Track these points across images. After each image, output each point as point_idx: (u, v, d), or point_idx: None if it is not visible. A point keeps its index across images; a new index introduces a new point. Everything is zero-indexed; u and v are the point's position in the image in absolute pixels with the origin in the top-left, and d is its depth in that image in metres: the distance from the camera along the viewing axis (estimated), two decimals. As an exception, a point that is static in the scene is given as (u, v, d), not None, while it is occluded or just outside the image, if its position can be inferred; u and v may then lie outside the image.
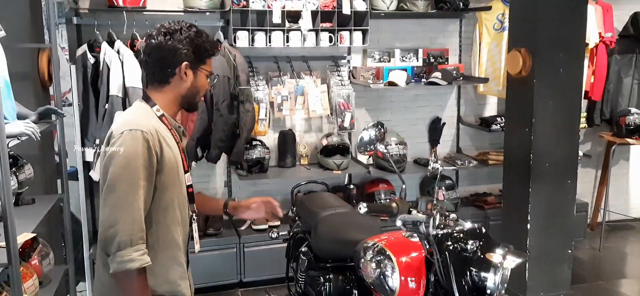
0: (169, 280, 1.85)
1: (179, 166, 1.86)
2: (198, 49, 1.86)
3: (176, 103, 1.90)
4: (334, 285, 2.61)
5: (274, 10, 3.97)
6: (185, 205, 1.91)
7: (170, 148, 1.81)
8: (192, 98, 1.91)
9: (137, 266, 1.68)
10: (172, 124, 1.89)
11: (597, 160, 5.35)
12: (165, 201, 1.80)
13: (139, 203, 1.71)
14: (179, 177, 1.85)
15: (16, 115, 2.66)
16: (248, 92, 3.88)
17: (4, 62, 2.53)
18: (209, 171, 4.40)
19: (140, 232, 1.70)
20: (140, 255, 1.69)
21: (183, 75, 1.84)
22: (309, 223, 2.91)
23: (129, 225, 1.68)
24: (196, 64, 1.87)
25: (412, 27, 4.70)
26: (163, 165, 1.78)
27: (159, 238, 1.81)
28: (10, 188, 2.07)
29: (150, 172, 1.74)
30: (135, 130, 1.73)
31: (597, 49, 4.84)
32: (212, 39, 1.92)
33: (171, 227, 1.84)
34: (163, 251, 1.83)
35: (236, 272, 4.12)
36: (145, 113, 1.83)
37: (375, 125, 2.21)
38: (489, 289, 1.91)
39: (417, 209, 2.03)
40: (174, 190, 1.83)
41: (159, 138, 1.77)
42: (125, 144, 1.71)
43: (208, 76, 1.92)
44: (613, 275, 4.47)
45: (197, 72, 1.88)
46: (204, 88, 1.92)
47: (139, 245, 1.70)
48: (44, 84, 3.33)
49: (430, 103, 4.88)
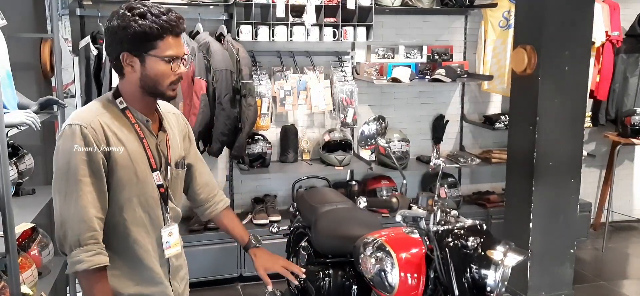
0: (135, 282, 1.76)
1: (138, 163, 1.71)
2: (137, 34, 1.64)
3: (137, 95, 1.73)
4: (333, 281, 2.59)
5: (278, 4, 3.95)
6: (153, 206, 1.76)
7: (124, 144, 1.69)
8: (152, 88, 1.70)
9: (85, 267, 1.60)
10: (137, 118, 1.74)
11: (602, 160, 5.31)
12: (121, 201, 1.70)
13: (85, 201, 1.61)
14: (138, 175, 1.71)
15: (17, 105, 2.66)
16: (250, 86, 3.86)
17: (5, 52, 2.53)
18: (211, 165, 4.32)
19: (89, 231, 1.62)
20: (90, 256, 1.61)
21: (127, 65, 1.69)
22: (309, 218, 2.90)
23: (76, 224, 1.61)
24: (140, 51, 1.66)
25: (416, 24, 4.68)
26: (113, 162, 1.67)
27: (120, 240, 1.72)
28: (8, 177, 2.06)
29: (95, 167, 1.63)
30: (74, 124, 1.63)
31: (604, 48, 4.80)
32: (169, 16, 1.67)
33: (131, 229, 1.73)
34: (124, 253, 1.74)
35: (236, 266, 4.11)
36: (96, 108, 1.71)
37: (377, 119, 2.19)
38: (489, 286, 1.89)
39: (418, 205, 2.01)
40: (131, 190, 1.70)
41: (105, 134, 1.65)
42: (65, 140, 1.63)
43: (169, 60, 1.68)
44: (615, 275, 4.45)
45: (145, 59, 1.67)
46: (166, 75, 1.69)
47: (90, 245, 1.62)
48: (45, 75, 3.33)
49: (433, 101, 4.85)
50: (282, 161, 4.41)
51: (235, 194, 4.47)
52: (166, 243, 1.81)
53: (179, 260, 1.92)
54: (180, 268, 1.93)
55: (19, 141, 2.87)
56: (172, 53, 1.68)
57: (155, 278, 1.79)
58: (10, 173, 2.47)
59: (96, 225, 1.63)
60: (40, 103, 2.78)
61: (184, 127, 1.98)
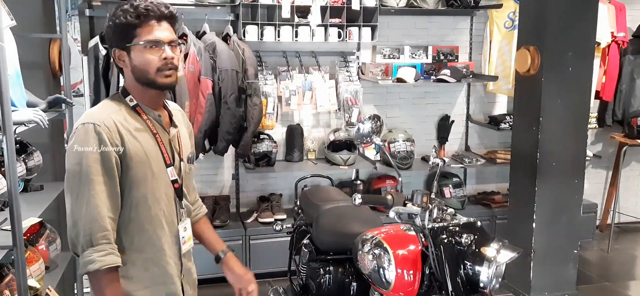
0: (146, 284, 1.73)
1: (153, 159, 1.71)
2: (118, 27, 1.67)
3: (139, 90, 1.72)
4: (333, 277, 2.63)
5: (283, 5, 3.99)
6: (167, 202, 1.76)
7: (139, 141, 1.68)
8: (144, 79, 1.69)
9: (97, 268, 1.59)
10: (149, 114, 1.74)
11: (608, 161, 5.29)
12: (136, 198, 1.69)
13: (98, 200, 1.60)
14: (153, 171, 1.71)
15: (26, 103, 2.73)
16: (256, 85, 3.91)
17: (15, 51, 2.59)
18: (217, 163, 4.45)
19: (101, 231, 1.60)
20: (102, 256, 1.60)
21: (120, 61, 1.71)
22: (311, 216, 2.94)
23: (88, 224, 1.60)
24: (124, 43, 1.67)
25: (422, 24, 4.70)
26: (128, 159, 1.66)
27: (134, 239, 1.71)
28: (16, 173, 2.12)
29: (109, 166, 1.62)
30: (87, 123, 1.63)
31: (609, 49, 4.79)
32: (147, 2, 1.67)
33: (146, 227, 1.71)
34: (138, 253, 1.72)
35: (242, 264, 4.15)
36: (109, 106, 1.71)
37: (372, 118, 2.23)
38: (482, 282, 1.92)
39: (413, 202, 2.04)
40: (146, 186, 1.69)
41: (119, 131, 1.65)
42: (78, 140, 1.62)
43: (151, 46, 1.66)
44: (620, 276, 4.44)
45: (130, 51, 1.67)
46: (151, 62, 1.66)
47: (102, 245, 1.60)
48: (54, 74, 3.40)
49: (439, 101, 4.87)
50: (287, 160, 4.46)
51: (241, 193, 4.53)
52: (182, 238, 1.81)
53: (190, 262, 1.92)
54: (191, 272, 1.91)
55: (27, 138, 2.94)
56: (152, 38, 1.66)
57: (167, 279, 1.77)
58: (19, 170, 2.54)
59: (108, 225, 1.62)
60: (48, 102, 2.84)
61: (188, 124, 1.99)
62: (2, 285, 2.27)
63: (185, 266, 1.86)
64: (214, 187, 4.48)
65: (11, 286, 2.27)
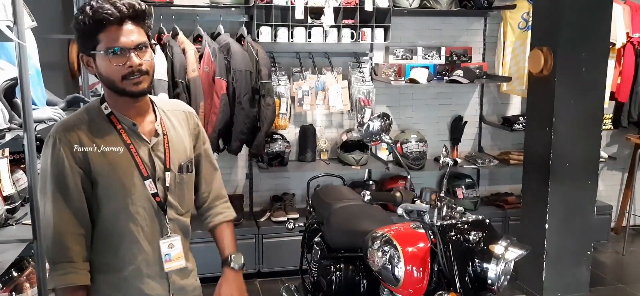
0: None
1: (123, 172, 1.59)
2: (79, 32, 1.54)
3: (113, 96, 1.61)
4: (343, 274, 2.66)
5: (297, 6, 4.04)
6: (146, 217, 1.64)
7: (106, 154, 1.57)
8: (111, 87, 1.57)
9: (53, 287, 1.55)
10: (123, 123, 1.62)
11: (624, 163, 5.25)
12: (105, 214, 1.60)
13: (58, 218, 1.55)
14: (124, 185, 1.59)
15: (46, 102, 2.80)
16: (269, 86, 3.96)
17: (36, 51, 2.67)
18: (231, 163, 4.50)
19: (61, 249, 1.55)
20: (59, 275, 1.54)
21: (88, 67, 1.59)
22: (322, 215, 2.97)
23: (50, 242, 1.57)
24: (88, 49, 1.55)
25: (435, 25, 4.71)
26: (95, 174, 1.57)
27: (105, 257, 1.63)
28: (36, 168, 2.18)
29: (70, 183, 1.55)
30: (51, 137, 1.57)
31: (625, 50, 4.75)
32: (107, 4, 1.50)
33: (117, 244, 1.62)
34: (112, 272, 1.64)
35: (255, 262, 4.21)
36: (79, 117, 1.62)
37: (381, 116, 2.25)
38: (490, 280, 1.94)
39: (421, 200, 2.06)
40: (116, 201, 1.59)
41: (83, 145, 1.55)
42: (44, 153, 1.58)
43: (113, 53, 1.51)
44: (635, 278, 4.40)
45: (95, 56, 1.54)
46: (115, 70, 1.53)
47: (61, 264, 1.55)
48: (73, 74, 3.48)
49: (452, 102, 4.88)
50: (300, 160, 4.50)
51: (254, 192, 4.58)
52: (166, 255, 1.67)
53: (185, 280, 1.77)
54: (186, 290, 1.77)
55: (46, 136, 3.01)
56: (114, 45, 1.51)
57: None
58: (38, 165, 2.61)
59: (70, 243, 1.55)
60: (67, 101, 2.92)
61: (195, 126, 1.84)
62: (22, 277, 2.34)
63: (176, 284, 1.73)
64: (228, 186, 4.54)
65: (31, 279, 2.34)
